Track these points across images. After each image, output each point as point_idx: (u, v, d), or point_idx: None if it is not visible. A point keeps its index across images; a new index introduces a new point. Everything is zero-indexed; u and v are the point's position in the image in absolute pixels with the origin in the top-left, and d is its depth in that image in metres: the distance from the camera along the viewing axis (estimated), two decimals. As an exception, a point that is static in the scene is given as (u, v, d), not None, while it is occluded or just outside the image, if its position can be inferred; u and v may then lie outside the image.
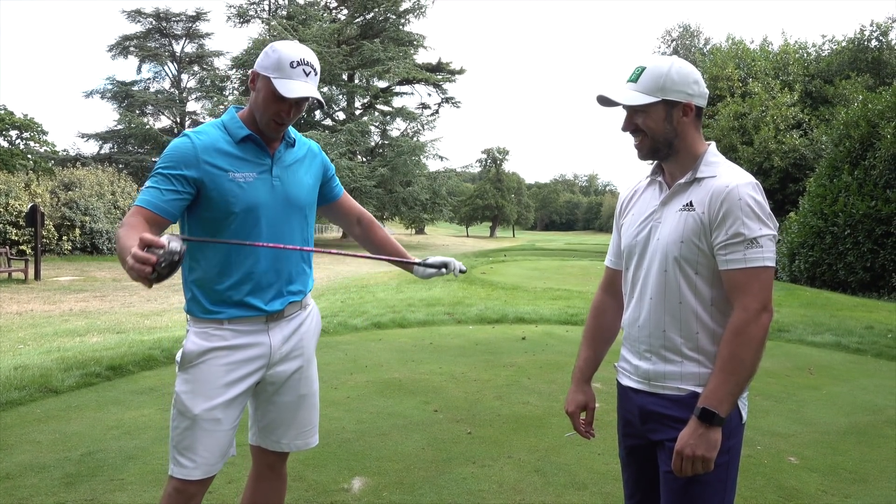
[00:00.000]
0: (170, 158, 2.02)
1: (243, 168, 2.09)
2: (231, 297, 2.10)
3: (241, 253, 2.09)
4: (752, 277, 1.68)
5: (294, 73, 2.03)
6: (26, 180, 23.19)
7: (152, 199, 1.97)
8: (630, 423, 1.95)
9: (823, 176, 17.65)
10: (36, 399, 4.81)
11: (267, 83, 2.03)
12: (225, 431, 2.11)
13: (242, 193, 2.06)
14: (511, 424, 4.48)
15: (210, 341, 2.09)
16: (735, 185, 1.70)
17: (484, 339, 7.53)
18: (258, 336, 2.15)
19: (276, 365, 2.21)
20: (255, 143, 2.12)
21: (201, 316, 2.12)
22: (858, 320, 9.70)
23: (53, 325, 9.63)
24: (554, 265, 19.59)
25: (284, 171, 2.17)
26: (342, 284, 15.26)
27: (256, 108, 2.08)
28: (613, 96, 1.82)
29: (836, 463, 3.93)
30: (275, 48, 2.06)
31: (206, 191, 2.04)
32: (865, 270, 15.81)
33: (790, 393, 5.45)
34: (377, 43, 39.55)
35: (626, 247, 1.94)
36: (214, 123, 2.15)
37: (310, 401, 2.36)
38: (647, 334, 1.84)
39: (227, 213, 2.06)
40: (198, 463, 2.07)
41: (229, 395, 2.10)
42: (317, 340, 2.43)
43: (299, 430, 2.33)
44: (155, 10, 41.00)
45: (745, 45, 31.15)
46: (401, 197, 40.06)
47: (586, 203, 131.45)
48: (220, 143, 2.09)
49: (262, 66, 2.06)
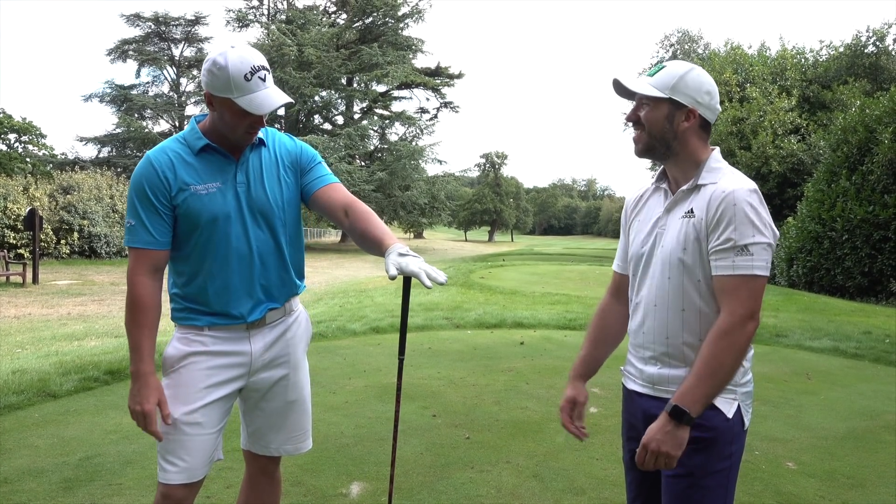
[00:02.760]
0: (139, 187, 2.01)
1: (206, 179, 2.05)
2: (210, 305, 2.10)
3: (216, 263, 2.08)
4: (740, 284, 1.68)
5: (252, 84, 1.93)
6: (25, 184, 23.20)
7: (146, 238, 2.01)
8: (634, 426, 1.96)
9: (821, 181, 17.70)
10: (34, 403, 4.80)
11: (228, 103, 1.95)
12: (207, 435, 2.10)
13: (204, 206, 2.03)
14: (509, 429, 4.48)
15: (190, 346, 2.10)
16: (732, 190, 1.70)
17: (482, 344, 7.53)
18: (239, 343, 2.14)
19: (258, 372, 2.19)
20: (215, 151, 2.08)
21: (182, 322, 2.13)
22: (856, 325, 9.71)
23: (52, 329, 9.62)
24: (552, 270, 19.59)
25: (250, 175, 2.11)
26: (340, 289, 15.25)
27: (224, 127, 2.02)
28: (626, 82, 1.83)
29: (834, 468, 3.93)
30: (219, 65, 1.92)
31: (178, 208, 2.04)
32: (863, 275, 15.84)
33: (788, 398, 5.46)
34: (376, 47, 39.63)
35: (632, 255, 1.95)
36: (175, 138, 2.12)
37: (299, 407, 2.32)
38: (651, 340, 1.85)
39: (193, 226, 2.05)
40: (181, 467, 2.05)
41: (209, 399, 2.09)
42: (306, 345, 2.39)
43: (289, 435, 2.31)
44: (154, 14, 40.99)
45: (743, 51, 31.28)
46: (399, 201, 40.08)
47: (585, 208, 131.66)
48: (181, 157, 2.05)
49: (214, 88, 1.95)
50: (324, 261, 28.12)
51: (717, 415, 1.76)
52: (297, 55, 36.47)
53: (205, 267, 2.08)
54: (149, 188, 2.00)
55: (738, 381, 1.80)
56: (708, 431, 1.75)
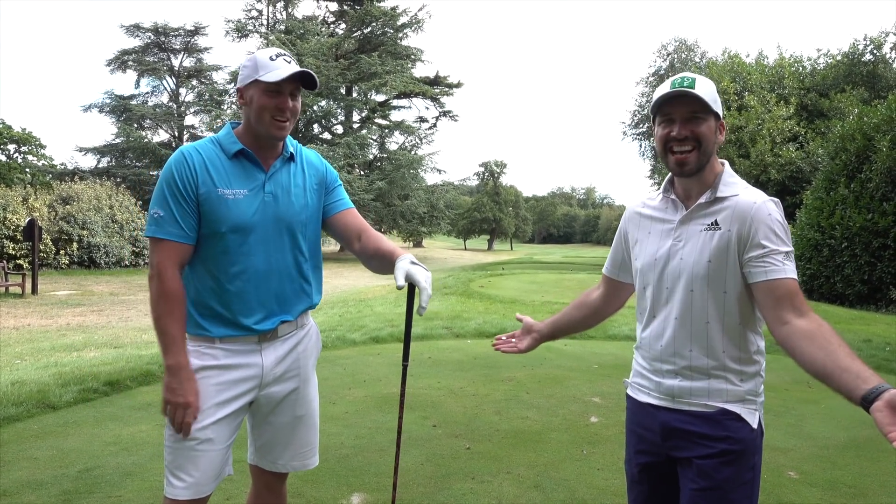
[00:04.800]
0: (171, 178, 2.01)
1: (234, 184, 2.06)
2: (222, 315, 2.07)
3: (234, 271, 2.06)
4: (794, 286, 1.68)
5: (276, 63, 2.03)
6: (24, 194, 23.26)
7: (177, 231, 2.00)
8: (646, 439, 1.91)
9: (820, 189, 17.72)
10: (33, 415, 4.79)
11: (256, 86, 2.03)
12: (217, 451, 2.08)
13: (229, 211, 2.03)
14: (510, 439, 4.46)
15: (202, 360, 2.07)
16: (762, 202, 1.72)
17: (482, 353, 7.51)
18: (250, 356, 2.12)
19: (269, 386, 2.17)
20: (248, 158, 2.09)
21: (194, 332, 2.09)
22: (856, 333, 9.70)
23: (51, 339, 9.60)
24: (552, 278, 19.57)
25: (279, 186, 2.12)
26: (340, 298, 15.24)
27: (254, 117, 2.06)
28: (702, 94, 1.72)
29: (836, 477, 3.92)
30: (248, 57, 2.09)
31: (201, 207, 2.03)
32: (863, 283, 15.83)
33: (789, 407, 5.45)
34: (375, 57, 39.77)
35: (642, 266, 1.90)
36: (210, 139, 2.13)
37: (307, 421, 2.31)
38: (671, 353, 1.81)
39: (214, 230, 2.04)
40: (188, 483, 2.03)
41: (220, 415, 2.07)
42: (315, 359, 2.38)
43: (296, 451, 2.29)
44: (154, 25, 41.10)
45: (741, 59, 31.38)
46: (399, 210, 40.13)
47: (584, 216, 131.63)
48: (214, 158, 2.07)
49: (244, 78, 2.07)
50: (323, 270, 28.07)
51: (743, 426, 1.74)
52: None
53: (221, 275, 2.06)
54: (180, 180, 2.00)
55: (758, 390, 1.79)
56: (737, 444, 1.73)
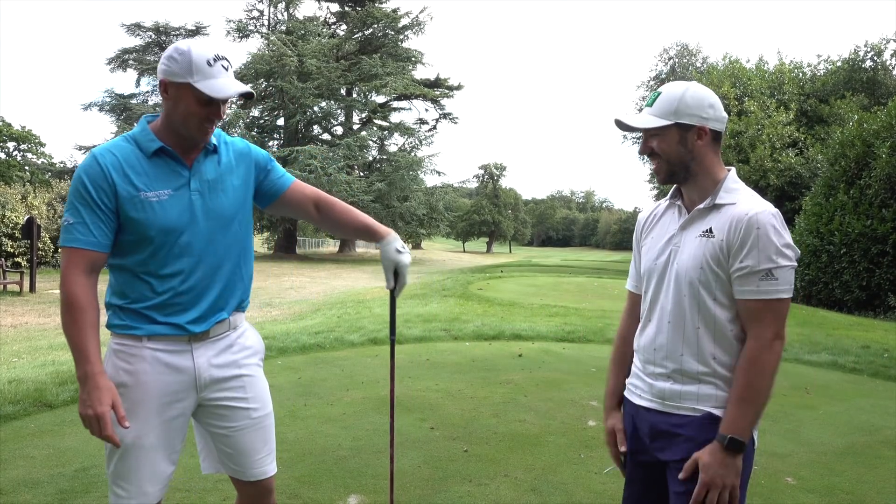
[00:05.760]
0: (82, 186, 1.89)
1: (157, 185, 1.94)
2: (150, 316, 1.97)
3: (162, 274, 1.97)
4: (765, 307, 1.71)
5: (214, 71, 1.88)
6: (23, 192, 23.20)
7: (86, 238, 1.89)
8: (639, 439, 1.95)
9: (819, 195, 17.76)
10: (30, 413, 4.78)
11: (187, 89, 1.88)
12: (160, 457, 2.00)
13: (155, 215, 1.92)
14: (508, 442, 4.46)
15: (128, 362, 1.97)
16: (755, 213, 1.71)
17: (480, 356, 7.51)
18: (180, 357, 2.00)
19: (208, 389, 2.06)
20: (168, 155, 1.97)
21: (120, 331, 2.00)
22: (854, 339, 9.71)
23: (48, 338, 9.59)
24: (551, 281, 19.57)
25: (204, 182, 2.01)
26: (338, 299, 15.23)
27: (178, 119, 1.93)
28: (628, 120, 1.85)
29: (833, 483, 3.92)
30: (180, 50, 1.88)
31: (122, 213, 1.92)
32: (861, 289, 15.86)
33: (787, 412, 5.45)
34: (376, 58, 39.76)
35: (645, 270, 1.95)
36: (125, 137, 2.00)
37: (262, 423, 2.17)
38: (663, 357, 1.85)
39: (142, 235, 1.93)
40: (131, 493, 1.97)
41: (154, 418, 1.97)
42: (261, 360, 2.24)
43: (255, 458, 2.15)
44: (154, 24, 41.11)
45: (741, 65, 31.43)
46: (398, 212, 40.10)
47: (583, 219, 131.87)
48: (131, 159, 1.94)
49: (172, 73, 1.89)
50: (322, 271, 28.07)
51: None
52: (298, 66, 36.58)
53: (152, 278, 1.96)
54: (92, 187, 1.88)
55: None
56: None
